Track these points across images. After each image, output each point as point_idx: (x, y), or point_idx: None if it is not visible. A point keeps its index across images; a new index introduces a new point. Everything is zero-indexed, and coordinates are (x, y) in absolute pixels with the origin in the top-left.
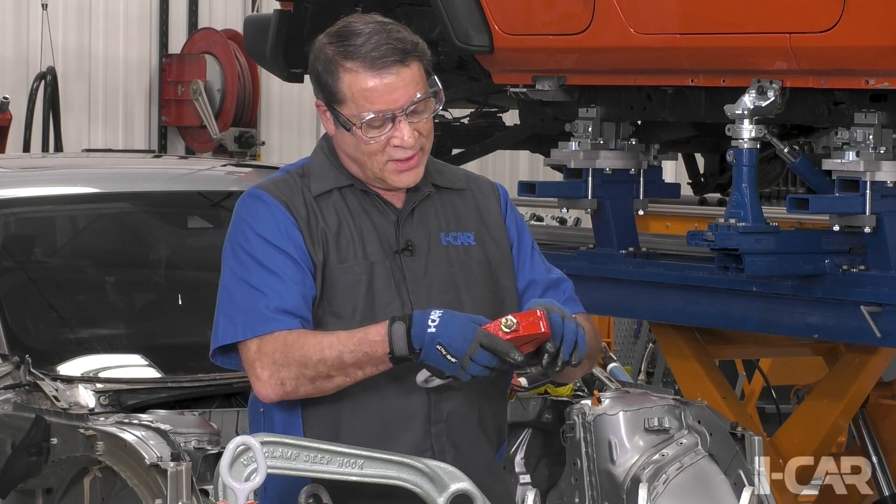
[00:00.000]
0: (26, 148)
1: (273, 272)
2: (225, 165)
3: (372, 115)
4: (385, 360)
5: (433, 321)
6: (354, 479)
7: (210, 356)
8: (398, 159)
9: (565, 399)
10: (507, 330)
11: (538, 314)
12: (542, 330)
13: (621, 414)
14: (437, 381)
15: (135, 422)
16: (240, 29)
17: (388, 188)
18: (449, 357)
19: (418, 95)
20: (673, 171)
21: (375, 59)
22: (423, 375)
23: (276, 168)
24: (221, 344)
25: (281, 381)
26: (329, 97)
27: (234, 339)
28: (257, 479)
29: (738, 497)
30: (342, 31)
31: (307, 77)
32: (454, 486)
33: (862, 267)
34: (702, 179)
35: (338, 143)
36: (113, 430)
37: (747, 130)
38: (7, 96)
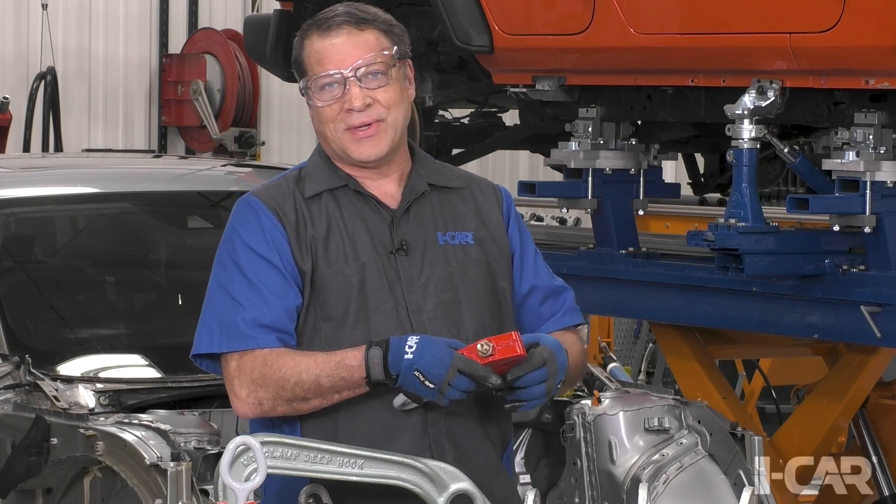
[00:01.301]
0: (26, 148)
1: (254, 283)
2: (225, 165)
3: (319, 76)
4: (362, 384)
5: (410, 347)
6: (354, 479)
7: (192, 359)
8: (352, 126)
9: (565, 399)
10: (484, 355)
11: (513, 337)
12: (518, 352)
13: (621, 414)
14: (412, 405)
15: (135, 422)
16: (240, 29)
17: (354, 163)
18: (427, 383)
19: (370, 60)
20: (673, 171)
21: (327, 19)
22: (399, 400)
23: (276, 168)
24: (198, 353)
25: (258, 400)
26: (299, 74)
27: (209, 349)
28: (257, 479)
29: (738, 497)
30: (314, 16)
31: None
32: (454, 486)
33: (862, 267)
34: (702, 179)
35: (312, 123)
36: (113, 430)
37: (747, 130)
38: (7, 96)
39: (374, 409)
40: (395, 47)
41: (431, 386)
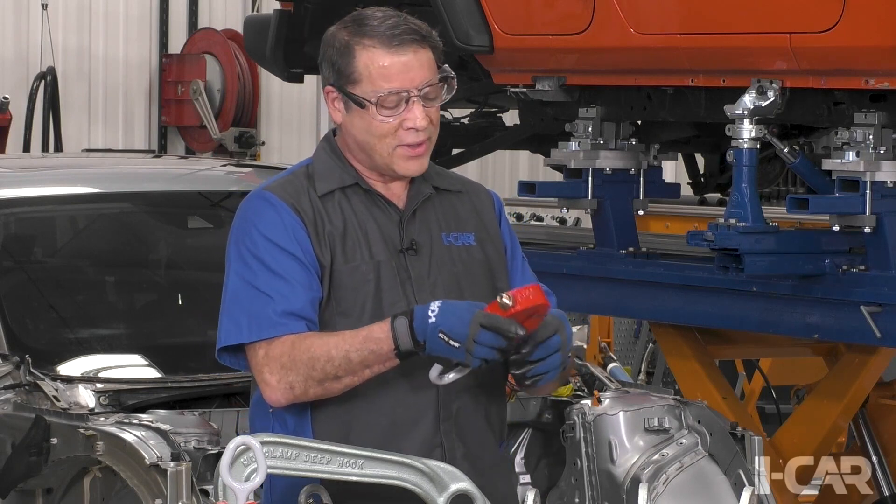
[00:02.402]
0: (26, 148)
1: (279, 275)
2: (225, 165)
3: (387, 92)
4: (391, 356)
5: (433, 311)
6: (354, 479)
7: (216, 356)
8: (407, 144)
9: (565, 399)
10: (506, 308)
11: (531, 288)
12: (542, 302)
13: (621, 414)
14: (449, 377)
15: (135, 422)
16: (240, 29)
17: (392, 177)
18: (452, 343)
19: (433, 79)
20: (673, 171)
21: (394, 36)
22: (435, 371)
23: (277, 168)
24: (226, 344)
25: (290, 384)
26: (343, 79)
27: (238, 340)
28: (257, 479)
29: (738, 497)
30: (356, 17)
31: (307, 77)
32: (454, 486)
33: (862, 267)
34: (702, 179)
35: (346, 130)
36: (113, 430)
37: (747, 130)
38: (7, 96)
39: (386, 408)
40: (441, 66)
41: (457, 345)
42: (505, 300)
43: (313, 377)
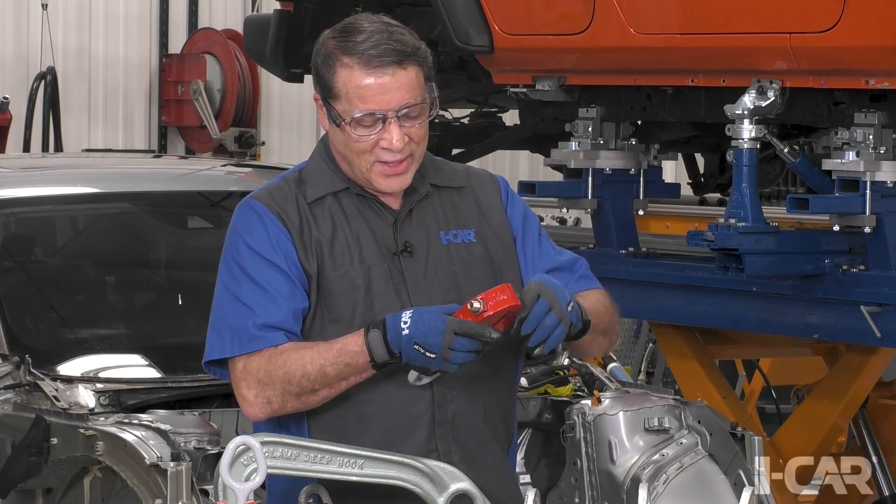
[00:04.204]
0: (26, 148)
1: (262, 287)
2: (225, 165)
3: (362, 114)
4: (368, 368)
5: (405, 322)
6: (354, 479)
7: (204, 368)
8: (385, 161)
9: (565, 399)
10: (476, 313)
11: (504, 289)
12: (513, 303)
13: (621, 414)
14: (427, 378)
15: (135, 422)
16: (240, 29)
17: (376, 190)
18: (428, 354)
19: (412, 100)
20: (673, 171)
21: (373, 56)
22: (413, 375)
23: (276, 168)
24: (210, 359)
25: (267, 399)
26: (325, 91)
27: (221, 354)
28: (257, 479)
29: (738, 497)
30: (346, 27)
31: (307, 77)
32: (454, 486)
33: (862, 267)
34: (702, 179)
35: (330, 138)
36: (113, 430)
37: (747, 130)
38: (7, 96)
39: (381, 415)
40: (429, 81)
41: (432, 356)
42: (476, 305)
43: (290, 391)
